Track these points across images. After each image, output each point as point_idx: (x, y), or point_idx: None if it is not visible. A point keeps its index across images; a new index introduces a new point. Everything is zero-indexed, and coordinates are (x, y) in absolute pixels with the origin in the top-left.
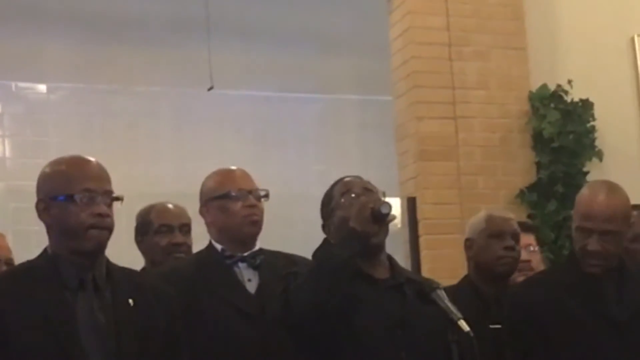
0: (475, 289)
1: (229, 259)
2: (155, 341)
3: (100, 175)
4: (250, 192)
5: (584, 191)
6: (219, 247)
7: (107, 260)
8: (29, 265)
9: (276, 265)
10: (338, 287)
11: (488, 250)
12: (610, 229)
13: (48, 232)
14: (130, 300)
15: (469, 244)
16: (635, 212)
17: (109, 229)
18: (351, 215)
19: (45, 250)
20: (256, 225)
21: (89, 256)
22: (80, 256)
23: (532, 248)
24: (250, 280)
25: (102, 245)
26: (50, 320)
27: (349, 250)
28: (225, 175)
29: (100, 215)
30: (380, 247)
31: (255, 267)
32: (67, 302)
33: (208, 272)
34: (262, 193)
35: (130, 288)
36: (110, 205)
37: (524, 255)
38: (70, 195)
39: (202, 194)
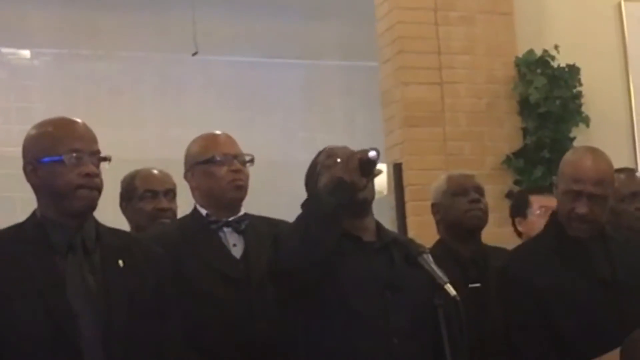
0: (450, 251)
1: (214, 223)
2: (145, 302)
3: (88, 136)
4: (235, 156)
5: (570, 156)
6: (203, 212)
7: (97, 222)
8: (17, 228)
9: (261, 230)
10: (326, 234)
11: (454, 207)
12: (599, 192)
13: (36, 194)
14: (120, 262)
15: (435, 208)
16: (622, 175)
17: (98, 189)
18: (339, 167)
19: (33, 213)
20: (241, 189)
21: (78, 217)
22: (69, 218)
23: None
24: (235, 245)
25: (92, 205)
26: (39, 284)
27: (337, 199)
28: (210, 139)
29: (88, 175)
30: (368, 205)
31: (240, 232)
32: (56, 266)
33: (193, 237)
34: (247, 158)
35: (120, 249)
36: (98, 166)
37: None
38: (58, 155)
39: (187, 158)
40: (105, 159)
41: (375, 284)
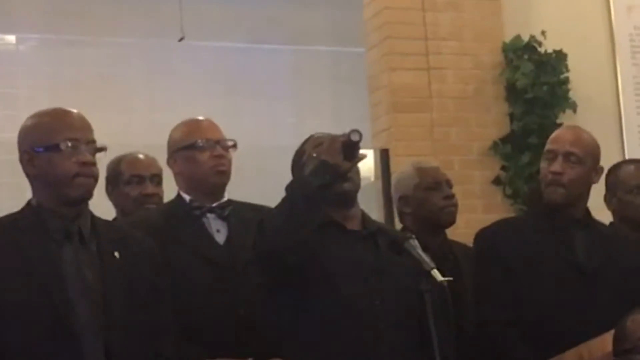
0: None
1: (198, 209)
2: (141, 293)
3: (84, 125)
4: (217, 142)
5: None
6: (187, 197)
7: (91, 213)
8: (12, 217)
9: (245, 216)
10: (309, 214)
11: (428, 203)
12: (573, 151)
13: (32, 184)
14: (116, 253)
15: (403, 201)
16: (632, 165)
17: (95, 178)
18: (322, 150)
19: (29, 202)
20: (224, 175)
21: (75, 205)
22: (66, 206)
23: None
24: (219, 231)
25: (89, 194)
26: (36, 272)
27: (319, 180)
28: (192, 125)
29: (85, 163)
30: (353, 196)
31: (224, 218)
32: (53, 254)
33: (176, 222)
34: (230, 143)
35: (115, 241)
36: (94, 155)
37: None
38: (55, 144)
39: (169, 144)
40: (102, 149)
41: (360, 270)
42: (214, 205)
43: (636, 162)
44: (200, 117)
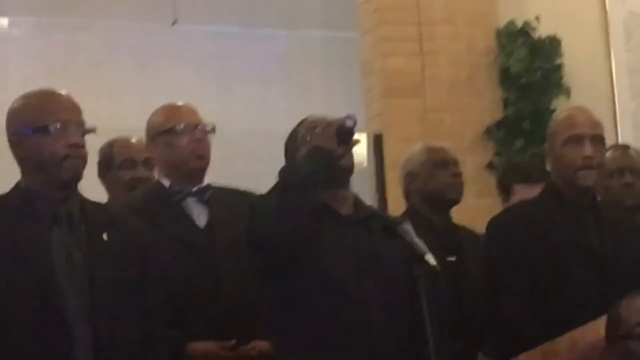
0: (425, 220)
1: (178, 194)
2: (130, 275)
3: (72, 107)
4: (196, 126)
5: (558, 116)
6: (166, 183)
7: (80, 195)
8: (0, 199)
9: (225, 200)
10: (302, 201)
11: (435, 179)
12: (599, 133)
13: (21, 166)
14: (104, 235)
15: (411, 177)
16: (610, 150)
17: (84, 159)
18: (316, 135)
19: (17, 184)
20: (203, 159)
21: (64, 188)
22: (55, 189)
23: None
24: (199, 215)
25: (78, 176)
26: (25, 256)
27: (313, 166)
28: (170, 110)
29: (74, 145)
30: (347, 175)
31: (203, 202)
32: (41, 237)
33: (156, 207)
34: (208, 127)
35: (103, 223)
36: (83, 137)
37: None
38: (44, 126)
39: (148, 129)
40: (90, 130)
41: (353, 255)
42: (194, 189)
43: (615, 147)
44: (179, 102)
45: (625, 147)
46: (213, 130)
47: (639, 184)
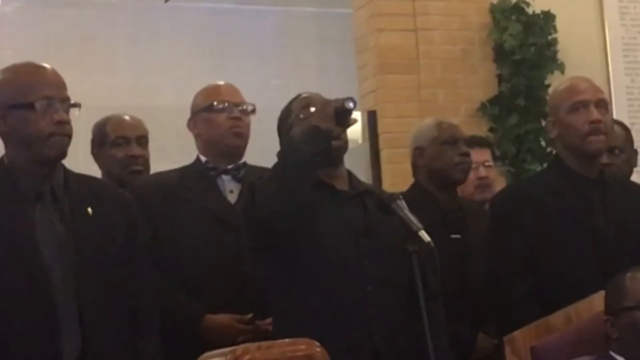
0: (431, 197)
1: (213, 170)
2: (115, 249)
3: (58, 82)
4: (235, 105)
5: (559, 87)
6: (203, 159)
7: (65, 169)
8: None
9: None
10: (301, 182)
11: (443, 157)
12: (603, 97)
13: (4, 141)
14: (89, 209)
15: (419, 152)
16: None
17: (69, 136)
18: (314, 115)
19: (0, 160)
20: (240, 137)
21: (48, 164)
22: (39, 165)
23: (487, 163)
24: (232, 192)
25: (63, 153)
26: (8, 232)
27: (312, 147)
28: (211, 89)
29: (60, 122)
30: (342, 154)
31: (238, 180)
32: (25, 214)
33: (190, 181)
34: (249, 108)
35: (88, 196)
36: (68, 112)
37: (481, 172)
38: (30, 103)
39: (191, 108)
40: (75, 105)
41: (349, 231)
42: (229, 167)
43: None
44: (221, 82)
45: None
46: (253, 110)
47: (619, 163)
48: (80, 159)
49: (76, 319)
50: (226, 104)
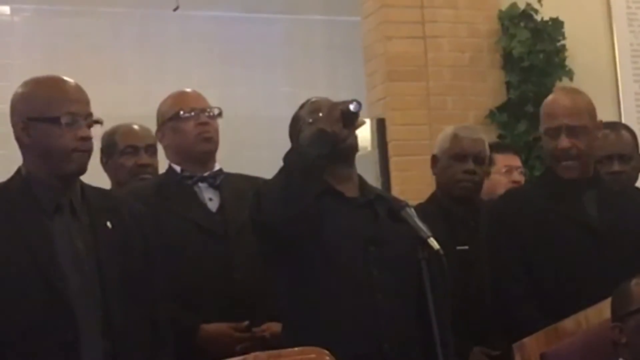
0: (443, 209)
1: (189, 179)
2: (135, 262)
3: (82, 98)
4: (201, 110)
5: (547, 98)
6: (178, 168)
7: (82, 182)
8: (2, 185)
9: (237, 185)
10: (307, 185)
11: (448, 171)
12: (575, 124)
13: (24, 153)
14: (109, 223)
15: (434, 161)
16: (607, 131)
17: (90, 152)
18: (321, 118)
19: (18, 171)
20: (210, 141)
21: (68, 179)
22: (58, 179)
23: (520, 170)
24: (211, 200)
25: (84, 168)
26: (28, 244)
27: (318, 150)
28: (176, 96)
29: (83, 139)
30: (353, 153)
31: (215, 187)
32: (44, 226)
33: (168, 192)
34: (215, 111)
35: (106, 210)
36: (90, 128)
37: (515, 176)
38: (55, 117)
39: (157, 117)
40: (98, 121)
41: (359, 238)
42: (206, 174)
43: (607, 128)
44: (187, 89)
45: (617, 129)
46: (220, 114)
47: (629, 170)
48: (89, 168)
49: (95, 329)
50: (192, 112)
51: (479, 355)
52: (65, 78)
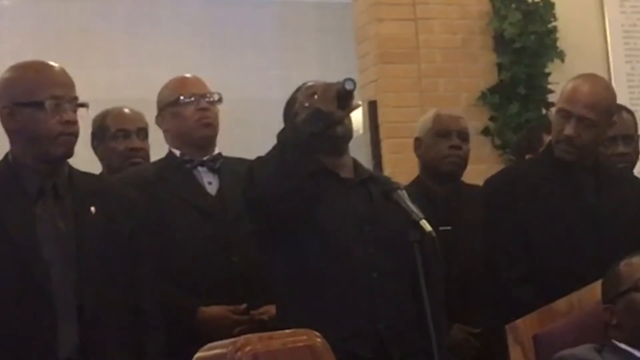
0: (425, 190)
1: (188, 163)
2: (117, 248)
3: (67, 82)
4: (201, 96)
5: (573, 79)
6: (177, 152)
7: (69, 167)
8: None
9: (236, 169)
10: (301, 162)
11: (434, 148)
12: (589, 116)
13: (11, 138)
14: (92, 208)
15: (417, 143)
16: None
17: (76, 135)
18: (317, 98)
19: (5, 156)
20: (209, 127)
21: (54, 163)
22: (44, 163)
23: None
24: (210, 183)
25: (70, 152)
26: (8, 228)
27: (312, 128)
28: (177, 82)
29: (68, 122)
30: (346, 142)
31: (214, 171)
32: (26, 210)
33: (168, 176)
34: (215, 97)
35: (92, 194)
36: (75, 112)
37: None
38: (39, 102)
39: (157, 103)
40: (83, 105)
41: (354, 218)
42: (205, 158)
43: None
44: (187, 74)
45: (618, 111)
46: (220, 100)
47: (632, 152)
48: (79, 152)
49: (74, 315)
50: (192, 97)
51: (458, 332)
52: (50, 62)
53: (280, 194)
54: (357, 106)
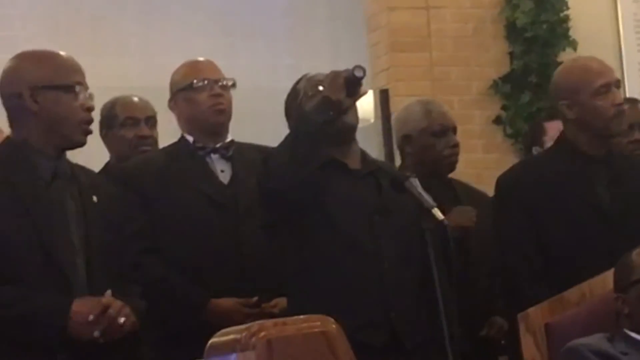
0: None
1: (201, 150)
2: (111, 237)
3: (82, 71)
4: (215, 81)
5: (572, 67)
6: (190, 138)
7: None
8: None
9: (249, 156)
10: (312, 152)
11: (433, 149)
12: (617, 77)
13: (23, 120)
14: (95, 197)
15: (406, 140)
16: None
17: (92, 124)
18: (325, 86)
19: (9, 140)
20: (223, 113)
21: (70, 148)
22: (59, 148)
23: None
24: (223, 171)
25: (85, 141)
26: (27, 210)
27: (323, 117)
28: (190, 66)
29: (89, 109)
30: (352, 131)
31: (227, 158)
32: (42, 193)
33: (180, 162)
34: (229, 82)
35: (91, 186)
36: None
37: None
38: (69, 85)
39: (170, 87)
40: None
41: (364, 208)
42: (218, 145)
43: (629, 102)
44: (200, 58)
45: (634, 101)
46: (233, 85)
47: None
48: (88, 140)
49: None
50: (206, 82)
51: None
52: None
53: (294, 183)
54: (364, 93)
